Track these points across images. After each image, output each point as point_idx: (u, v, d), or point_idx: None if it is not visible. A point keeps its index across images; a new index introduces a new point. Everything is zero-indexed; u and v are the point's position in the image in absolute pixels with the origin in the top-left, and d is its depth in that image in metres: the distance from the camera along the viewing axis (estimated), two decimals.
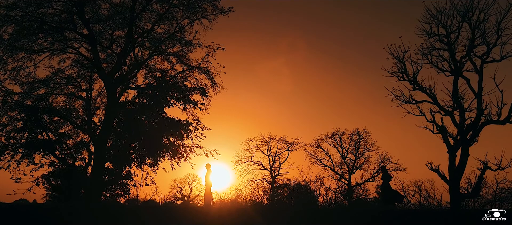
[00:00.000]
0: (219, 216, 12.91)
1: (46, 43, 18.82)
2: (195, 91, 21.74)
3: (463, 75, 20.52)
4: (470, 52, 20.35)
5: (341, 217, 14.70)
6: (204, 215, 12.95)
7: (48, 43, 18.72)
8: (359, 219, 13.84)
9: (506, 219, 10.40)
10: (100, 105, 22.47)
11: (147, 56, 21.42)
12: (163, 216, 12.54)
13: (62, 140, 21.19)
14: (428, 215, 14.90)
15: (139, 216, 12.63)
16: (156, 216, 12.73)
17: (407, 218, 14.20)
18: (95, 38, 19.62)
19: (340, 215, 15.49)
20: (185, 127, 21.07)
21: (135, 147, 21.30)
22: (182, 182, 33.86)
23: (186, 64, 21.46)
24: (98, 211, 13.77)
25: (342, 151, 35.41)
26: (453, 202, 20.61)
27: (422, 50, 21.15)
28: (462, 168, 20.60)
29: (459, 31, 20.78)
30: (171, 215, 12.59)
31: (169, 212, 13.53)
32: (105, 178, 21.71)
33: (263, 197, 26.92)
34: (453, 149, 20.74)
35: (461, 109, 20.74)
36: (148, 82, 21.78)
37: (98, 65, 19.76)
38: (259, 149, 35.50)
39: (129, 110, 21.43)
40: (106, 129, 20.05)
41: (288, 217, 13.54)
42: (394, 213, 16.41)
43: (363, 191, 33.27)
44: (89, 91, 21.85)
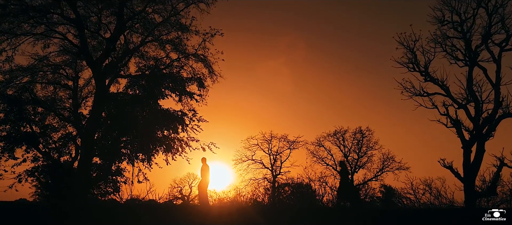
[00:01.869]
0: (220, 216, 12.26)
1: (28, 26, 17.22)
2: (192, 81, 20.20)
3: (479, 64, 19.22)
4: (487, 40, 19.08)
5: (343, 216, 13.75)
6: (204, 215, 12.31)
7: (30, 26, 17.11)
8: (361, 219, 12.83)
9: (506, 219, 10.18)
10: (88, 96, 20.88)
11: (139, 42, 19.83)
12: (162, 216, 12.06)
13: (46, 133, 19.56)
14: (434, 214, 13.69)
15: (138, 215, 12.07)
16: (154, 216, 12.14)
17: (410, 218, 13.07)
18: (83, 22, 18.02)
19: (342, 214, 14.61)
20: (180, 119, 19.50)
21: (126, 141, 19.72)
22: (182, 182, 32.43)
23: (182, 52, 19.89)
24: (97, 210, 12.88)
25: (344, 150, 33.56)
26: (468, 201, 19.27)
27: (435, 38, 19.80)
28: (478, 164, 19.36)
29: (474, 18, 19.54)
30: (171, 215, 12.09)
31: (168, 212, 12.81)
32: (94, 175, 20.10)
33: (264, 196, 25.61)
34: (468, 144, 19.44)
35: (476, 102, 19.48)
36: (141, 71, 20.21)
37: (85, 51, 18.14)
38: (260, 148, 34.51)
39: (120, 102, 19.85)
40: (94, 121, 18.45)
41: (289, 217, 12.91)
42: (396, 213, 15.38)
43: (370, 190, 32.04)
44: (76, 80, 20.19)
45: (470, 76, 19.66)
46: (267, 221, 12.06)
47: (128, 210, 14.19)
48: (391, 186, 32.13)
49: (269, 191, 29.34)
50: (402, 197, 23.36)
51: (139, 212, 12.87)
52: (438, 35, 19.73)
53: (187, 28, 19.78)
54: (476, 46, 19.51)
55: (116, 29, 18.62)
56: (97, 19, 18.54)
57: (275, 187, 30.80)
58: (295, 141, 34.04)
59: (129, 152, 19.67)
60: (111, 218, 11.68)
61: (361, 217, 13.64)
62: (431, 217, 13.09)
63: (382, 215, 13.98)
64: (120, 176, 20.13)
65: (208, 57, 19.90)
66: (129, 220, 11.61)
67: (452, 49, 19.88)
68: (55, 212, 12.22)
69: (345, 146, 33.57)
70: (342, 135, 33.85)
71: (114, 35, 18.59)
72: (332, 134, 34.06)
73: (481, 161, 19.17)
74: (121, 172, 20.06)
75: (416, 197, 22.55)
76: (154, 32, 19.63)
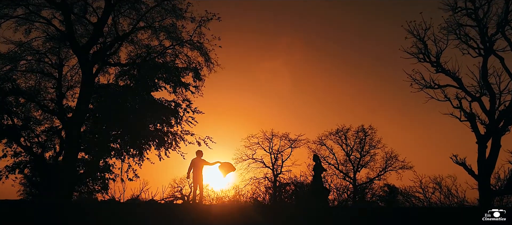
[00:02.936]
0: (220, 216, 11.60)
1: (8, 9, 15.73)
2: (187, 71, 18.76)
3: (496, 53, 17.97)
4: (503, 28, 17.84)
5: (348, 216, 12.82)
6: (206, 214, 11.71)
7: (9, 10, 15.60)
8: (363, 219, 12.09)
9: (506, 219, 10.00)
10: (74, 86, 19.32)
11: (130, 28, 18.34)
12: (162, 215, 11.40)
13: (29, 126, 18.02)
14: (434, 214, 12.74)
15: (137, 215, 11.35)
16: (154, 215, 11.41)
17: (411, 218, 12.18)
18: (68, 5, 16.51)
19: (346, 214, 13.60)
20: (174, 111, 18.03)
21: (115, 135, 18.22)
22: (182, 182, 31.25)
23: (175, 38, 18.40)
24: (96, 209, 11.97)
25: (346, 149, 33.52)
26: (483, 199, 18.01)
27: (448, 26, 18.52)
28: (493, 160, 18.14)
29: (490, 4, 18.30)
30: (170, 214, 11.45)
31: (167, 211, 11.95)
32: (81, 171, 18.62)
33: (265, 194, 24.47)
34: (483, 139, 18.19)
35: (491, 94, 18.25)
36: (132, 60, 18.73)
37: (71, 36, 16.62)
38: (260, 146, 33.59)
39: (109, 93, 18.37)
40: (80, 113, 16.95)
41: (290, 217, 12.19)
42: (399, 213, 14.45)
43: (374, 190, 31.01)
44: (60, 68, 18.62)
45: (484, 66, 18.43)
46: (268, 221, 11.29)
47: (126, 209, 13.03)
48: (394, 185, 31.44)
49: (270, 190, 28.29)
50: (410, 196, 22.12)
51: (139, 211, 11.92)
52: (452, 22, 18.46)
53: (182, 14, 18.39)
54: (492, 34, 18.29)
55: (104, 13, 17.14)
56: (83, 0, 17.03)
57: (276, 186, 29.96)
58: (297, 140, 33.39)
59: (118, 147, 18.18)
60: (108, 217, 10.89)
61: (361, 216, 12.68)
62: (431, 217, 12.16)
63: (379, 214, 12.97)
64: (109, 173, 18.61)
65: (204, 44, 18.48)
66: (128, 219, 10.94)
67: (466, 38, 18.63)
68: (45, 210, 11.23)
69: (347, 144, 33.44)
70: (344, 133, 33.65)
71: (102, 19, 17.10)
72: (334, 133, 33.81)
73: (497, 157, 17.96)
74: (110, 168, 18.53)
75: (425, 196, 21.26)
76: (146, 17, 18.16)
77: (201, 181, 13.14)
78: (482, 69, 18.48)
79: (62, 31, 17.01)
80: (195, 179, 12.96)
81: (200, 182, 13.14)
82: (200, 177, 12.97)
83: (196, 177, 12.91)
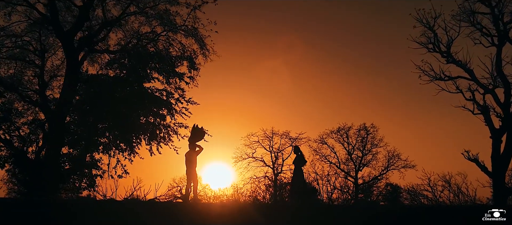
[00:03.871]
0: (219, 215, 11.04)
1: None
2: (181, 60, 17.51)
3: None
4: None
5: (348, 216, 12.03)
6: (205, 214, 11.09)
7: None
8: (365, 219, 11.41)
9: (506, 219, 9.88)
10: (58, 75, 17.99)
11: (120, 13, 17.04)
12: (161, 214, 10.85)
13: (9, 118, 16.65)
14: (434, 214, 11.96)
15: (136, 214, 10.67)
16: (153, 214, 10.82)
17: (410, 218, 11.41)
18: None
19: (347, 213, 12.80)
20: (166, 103, 16.74)
21: (103, 128, 16.92)
22: (181, 181, 30.39)
23: (169, 24, 17.12)
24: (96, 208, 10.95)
25: (348, 147, 32.97)
26: (497, 198, 16.94)
27: (461, 11, 17.39)
28: (508, 157, 17.07)
29: None
30: (169, 214, 10.84)
31: (167, 211, 11.27)
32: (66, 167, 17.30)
33: (266, 193, 23.68)
34: (497, 134, 17.12)
35: (506, 85, 17.21)
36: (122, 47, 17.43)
37: (54, 19, 15.29)
38: (260, 145, 33.20)
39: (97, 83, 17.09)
40: (64, 104, 15.63)
41: (290, 216, 11.57)
42: (397, 211, 13.60)
43: (380, 189, 30.33)
44: (43, 55, 17.27)
45: (499, 55, 17.37)
46: (268, 220, 10.73)
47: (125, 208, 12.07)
48: (397, 184, 30.94)
49: (270, 188, 27.59)
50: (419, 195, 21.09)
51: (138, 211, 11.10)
52: (465, 8, 17.35)
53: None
54: (507, 22, 17.22)
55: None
56: None
57: (277, 185, 29.27)
58: (297, 138, 33.05)
59: (107, 141, 16.89)
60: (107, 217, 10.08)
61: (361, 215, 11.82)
62: (431, 217, 11.33)
63: (383, 213, 12.04)
64: (96, 169, 17.29)
65: (199, 29, 17.21)
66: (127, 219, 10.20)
67: (479, 26, 17.56)
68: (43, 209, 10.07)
69: (349, 143, 32.93)
70: (346, 132, 33.13)
71: (89, 1, 15.80)
72: (336, 131, 33.31)
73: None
74: (97, 163, 17.21)
75: (434, 194, 20.18)
76: (137, 1, 16.87)
77: (194, 175, 11.91)
78: (496, 59, 17.41)
79: (45, 14, 15.69)
80: (187, 174, 11.75)
81: (194, 177, 11.92)
82: (193, 172, 11.70)
83: (188, 171, 11.67)
